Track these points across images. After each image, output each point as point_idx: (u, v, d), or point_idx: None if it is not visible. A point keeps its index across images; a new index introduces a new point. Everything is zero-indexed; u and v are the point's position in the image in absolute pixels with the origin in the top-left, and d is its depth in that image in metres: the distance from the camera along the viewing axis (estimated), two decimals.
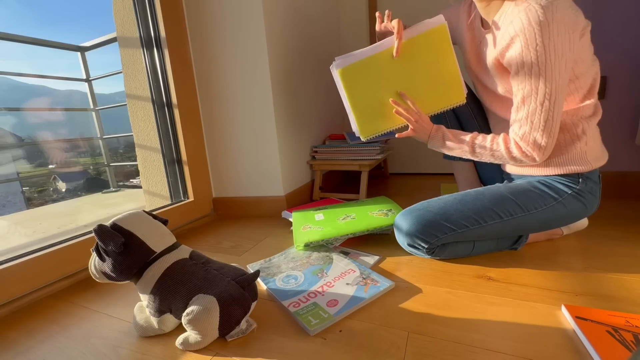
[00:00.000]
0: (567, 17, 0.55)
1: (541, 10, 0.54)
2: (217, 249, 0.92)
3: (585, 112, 0.66)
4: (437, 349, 0.46)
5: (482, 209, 0.68)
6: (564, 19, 0.55)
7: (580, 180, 0.67)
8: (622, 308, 0.52)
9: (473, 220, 0.68)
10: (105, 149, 2.29)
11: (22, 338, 0.57)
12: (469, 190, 0.74)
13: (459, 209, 0.69)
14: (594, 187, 0.69)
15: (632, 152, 1.12)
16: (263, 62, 1.08)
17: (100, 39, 1.89)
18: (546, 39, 0.55)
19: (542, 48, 0.56)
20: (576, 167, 0.66)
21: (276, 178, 1.17)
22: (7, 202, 3.06)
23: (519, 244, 0.75)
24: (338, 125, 1.80)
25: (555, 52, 0.56)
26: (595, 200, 0.70)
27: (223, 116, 1.18)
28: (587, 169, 0.66)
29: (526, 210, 0.68)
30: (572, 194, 0.67)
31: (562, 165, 0.68)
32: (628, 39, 1.06)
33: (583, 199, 0.68)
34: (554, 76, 0.57)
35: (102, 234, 0.51)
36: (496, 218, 0.68)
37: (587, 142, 0.66)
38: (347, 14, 1.73)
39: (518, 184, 0.72)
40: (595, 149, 0.68)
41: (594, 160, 0.67)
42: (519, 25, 0.57)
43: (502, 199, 0.69)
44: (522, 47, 0.58)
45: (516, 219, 0.68)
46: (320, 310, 0.56)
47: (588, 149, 0.66)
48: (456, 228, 0.68)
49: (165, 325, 0.53)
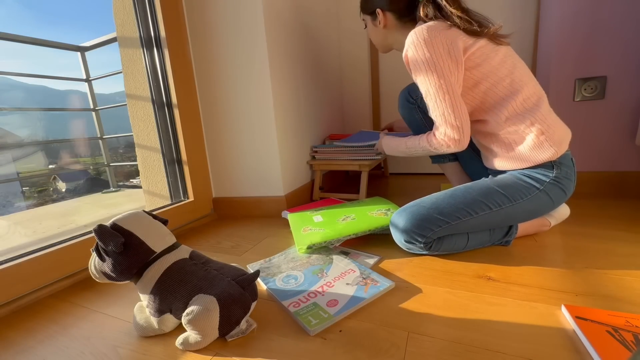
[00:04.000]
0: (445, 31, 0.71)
1: (425, 27, 0.71)
2: (217, 249, 0.92)
3: (527, 103, 0.71)
4: (437, 349, 0.46)
5: (472, 201, 0.72)
6: (443, 32, 0.70)
7: (554, 167, 0.72)
8: (622, 308, 0.52)
9: (464, 212, 0.71)
10: (105, 149, 2.29)
11: (22, 338, 0.57)
12: (459, 186, 0.78)
13: (450, 202, 0.73)
14: (569, 171, 0.73)
15: (632, 152, 1.13)
16: (263, 61, 1.08)
17: (100, 39, 1.89)
18: (429, 45, 0.70)
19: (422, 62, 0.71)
20: (544, 156, 0.71)
21: (276, 178, 1.17)
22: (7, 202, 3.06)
23: (510, 236, 0.78)
24: (338, 125, 1.80)
25: (434, 63, 0.70)
26: (571, 184, 0.74)
27: (223, 116, 1.18)
28: (553, 155, 0.71)
29: (513, 200, 0.72)
30: (550, 182, 0.72)
31: (530, 158, 0.73)
32: (628, 39, 1.06)
33: (561, 185, 0.72)
34: (443, 72, 0.70)
35: (102, 234, 0.51)
36: (486, 209, 0.72)
37: (542, 131, 0.70)
38: (346, 12, 1.74)
39: (503, 177, 0.76)
40: (556, 133, 0.71)
41: (557, 145, 0.71)
42: (410, 39, 0.73)
43: (489, 191, 0.73)
44: (412, 52, 0.73)
45: (504, 209, 0.72)
46: (320, 310, 0.56)
47: (547, 137, 0.70)
48: (449, 220, 0.71)
49: (165, 325, 0.53)
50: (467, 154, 0.98)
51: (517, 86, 0.72)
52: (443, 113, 0.72)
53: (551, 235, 0.83)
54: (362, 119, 1.84)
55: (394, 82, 1.74)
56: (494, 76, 0.72)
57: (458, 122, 0.72)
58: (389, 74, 1.74)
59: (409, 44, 0.73)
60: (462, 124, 0.72)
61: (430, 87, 0.72)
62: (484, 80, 0.73)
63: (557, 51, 1.15)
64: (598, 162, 1.18)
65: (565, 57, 1.15)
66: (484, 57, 0.72)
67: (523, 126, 0.71)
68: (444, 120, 0.73)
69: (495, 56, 0.72)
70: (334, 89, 1.74)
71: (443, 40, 0.70)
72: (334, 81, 1.72)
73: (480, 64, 0.72)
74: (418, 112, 1.01)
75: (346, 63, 1.81)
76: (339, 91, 1.81)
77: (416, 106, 1.00)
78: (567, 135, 0.74)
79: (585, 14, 1.09)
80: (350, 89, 1.83)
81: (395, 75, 1.73)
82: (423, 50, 0.71)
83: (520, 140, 0.72)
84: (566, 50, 1.14)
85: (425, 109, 0.95)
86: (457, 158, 1.03)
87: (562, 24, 1.13)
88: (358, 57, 1.77)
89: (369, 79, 1.77)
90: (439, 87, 0.71)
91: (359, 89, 1.81)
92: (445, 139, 0.74)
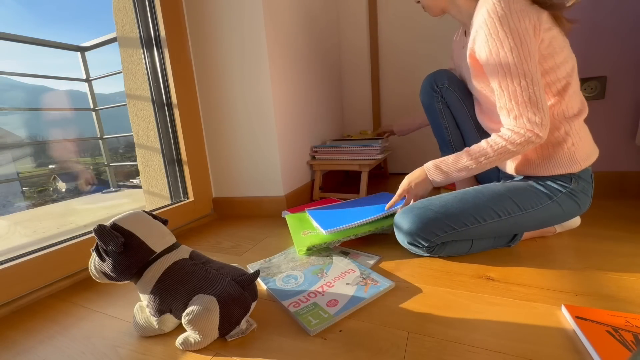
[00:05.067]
0: (524, 6, 0.60)
1: (498, 2, 0.60)
2: (217, 249, 0.92)
3: (568, 112, 0.67)
4: (437, 349, 0.46)
5: (482, 208, 0.69)
6: (521, 7, 0.60)
7: (572, 180, 0.69)
8: (622, 308, 0.52)
9: (473, 219, 0.69)
10: (105, 149, 2.29)
11: (22, 338, 0.57)
12: (468, 189, 0.75)
13: (459, 207, 0.70)
14: (586, 187, 0.70)
15: (632, 152, 1.12)
16: (263, 61, 1.08)
17: (100, 39, 1.89)
18: (506, 27, 0.60)
19: (504, 35, 0.60)
20: (566, 168, 0.68)
21: (276, 178, 1.17)
22: (7, 202, 3.06)
23: (514, 242, 0.76)
24: (338, 125, 1.80)
25: (519, 37, 0.60)
26: (588, 199, 0.71)
27: (223, 116, 1.18)
28: (577, 169, 0.68)
29: (523, 209, 0.69)
30: (565, 193, 0.69)
31: (552, 167, 0.69)
32: (628, 39, 1.06)
33: (576, 198, 0.70)
34: (523, 58, 0.60)
35: (102, 234, 0.51)
36: (495, 217, 0.69)
37: (573, 142, 0.67)
38: (346, 11, 1.74)
39: (515, 183, 0.73)
40: (584, 148, 0.69)
41: (583, 160, 0.68)
42: (481, 19, 0.62)
43: (500, 198, 0.70)
44: (486, 37, 0.62)
45: (514, 217, 0.69)
46: (320, 310, 0.56)
47: (576, 149, 0.67)
48: (456, 227, 0.69)
49: (165, 325, 0.53)
50: None
51: (566, 93, 0.65)
52: (530, 97, 0.61)
53: (551, 235, 0.83)
54: (363, 119, 1.84)
55: (395, 81, 1.73)
56: (553, 75, 0.65)
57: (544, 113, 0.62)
58: (390, 74, 1.74)
59: (479, 25, 0.63)
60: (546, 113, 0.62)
61: (512, 70, 0.61)
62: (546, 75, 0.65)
63: None
64: (598, 162, 1.15)
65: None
66: (551, 49, 0.63)
67: (557, 134, 0.67)
68: (527, 108, 0.62)
69: (562, 52, 0.64)
70: (334, 89, 1.74)
71: (521, 14, 0.59)
72: (334, 81, 1.72)
73: (546, 57, 0.63)
74: (439, 102, 0.93)
75: (346, 62, 1.81)
76: (339, 91, 1.81)
77: (440, 95, 0.92)
78: (595, 153, 0.71)
79: (585, 14, 1.09)
80: (350, 89, 1.83)
81: (396, 75, 1.73)
82: (497, 29, 0.60)
83: (548, 149, 0.68)
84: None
85: (448, 101, 0.90)
86: None
87: None
88: (358, 57, 1.77)
89: (369, 78, 1.77)
90: (520, 75, 0.61)
91: (359, 88, 1.81)
92: (531, 127, 0.62)
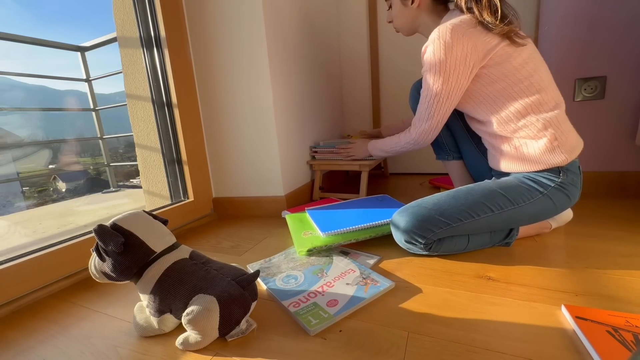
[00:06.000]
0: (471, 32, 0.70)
1: (450, 29, 0.71)
2: (217, 249, 0.92)
3: (544, 108, 0.71)
4: (437, 349, 0.46)
5: (474, 203, 0.71)
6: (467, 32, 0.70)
7: (561, 173, 0.71)
8: (622, 308, 0.52)
9: (466, 214, 0.71)
10: (105, 149, 2.29)
11: (22, 338, 0.57)
12: (460, 187, 0.77)
13: (452, 204, 0.72)
14: (575, 178, 0.73)
15: (632, 152, 1.13)
16: (263, 61, 1.08)
17: (100, 39, 1.89)
18: (447, 54, 0.71)
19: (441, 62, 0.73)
20: (553, 161, 0.70)
21: (276, 178, 1.17)
22: (7, 202, 3.06)
23: (511, 238, 0.77)
24: (338, 125, 1.80)
25: (454, 65, 0.72)
26: (577, 191, 0.74)
27: (223, 116, 1.18)
28: (564, 161, 0.70)
29: (515, 204, 0.71)
30: (555, 187, 0.71)
31: (539, 162, 0.72)
32: (628, 39, 1.06)
33: (566, 191, 0.72)
34: (446, 86, 0.75)
35: (102, 234, 0.51)
36: (488, 211, 0.71)
37: (556, 137, 0.70)
38: (347, 12, 1.74)
39: (506, 180, 0.76)
40: (568, 141, 0.71)
41: (568, 152, 0.70)
42: (434, 35, 0.73)
43: (492, 194, 0.72)
44: (430, 54, 0.74)
45: (506, 212, 0.71)
46: (320, 310, 0.56)
47: (560, 143, 0.70)
48: (451, 222, 0.70)
49: (165, 325, 0.53)
50: (473, 155, 0.96)
51: (535, 90, 0.71)
52: (430, 113, 0.80)
53: (551, 235, 0.83)
54: (363, 119, 1.84)
55: (394, 81, 1.74)
56: (512, 77, 0.71)
57: (437, 125, 0.82)
58: (390, 74, 1.74)
59: (430, 40, 0.74)
60: (438, 126, 0.83)
61: (433, 88, 0.76)
62: (500, 80, 0.72)
63: (557, 51, 1.15)
64: (598, 162, 1.18)
65: (565, 57, 1.15)
66: (505, 56, 0.71)
67: (536, 130, 0.70)
68: (426, 118, 0.82)
69: (518, 57, 0.71)
70: (334, 89, 1.74)
71: (465, 44, 0.70)
72: (334, 80, 1.72)
73: (501, 63, 0.71)
74: None
75: (346, 62, 1.81)
76: (339, 90, 1.81)
77: None
78: (579, 144, 0.73)
79: (585, 14, 1.09)
80: (350, 89, 1.83)
81: (396, 74, 1.73)
82: (440, 52, 0.72)
83: (533, 144, 0.72)
84: (566, 50, 1.14)
85: None
86: (461, 157, 1.02)
87: (562, 24, 1.13)
88: (358, 57, 1.77)
89: (369, 78, 1.77)
90: (439, 91, 0.76)
91: (359, 88, 1.81)
92: (421, 133, 0.84)
